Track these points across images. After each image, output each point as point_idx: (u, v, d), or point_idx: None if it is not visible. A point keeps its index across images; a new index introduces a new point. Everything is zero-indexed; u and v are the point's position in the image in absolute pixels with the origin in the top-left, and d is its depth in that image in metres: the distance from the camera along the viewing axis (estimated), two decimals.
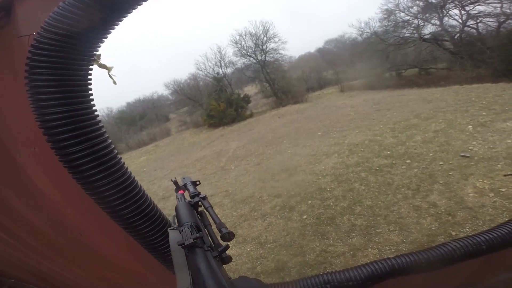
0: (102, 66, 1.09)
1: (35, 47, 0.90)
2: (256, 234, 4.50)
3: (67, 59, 0.95)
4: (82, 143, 0.99)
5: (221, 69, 21.19)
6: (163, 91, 30.41)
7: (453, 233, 3.29)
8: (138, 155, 18.34)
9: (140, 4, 0.98)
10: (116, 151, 1.15)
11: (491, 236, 1.50)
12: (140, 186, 1.24)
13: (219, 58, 21.08)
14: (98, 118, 1.10)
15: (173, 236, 0.75)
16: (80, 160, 0.99)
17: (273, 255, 3.88)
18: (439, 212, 3.78)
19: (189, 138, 18.49)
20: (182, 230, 0.71)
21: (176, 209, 0.91)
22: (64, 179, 1.14)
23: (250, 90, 22.78)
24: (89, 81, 1.08)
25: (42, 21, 0.95)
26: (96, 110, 1.10)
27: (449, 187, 4.27)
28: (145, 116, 27.99)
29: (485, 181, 4.20)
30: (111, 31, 1.06)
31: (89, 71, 1.08)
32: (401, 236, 3.52)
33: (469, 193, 4.04)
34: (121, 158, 1.16)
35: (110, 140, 1.14)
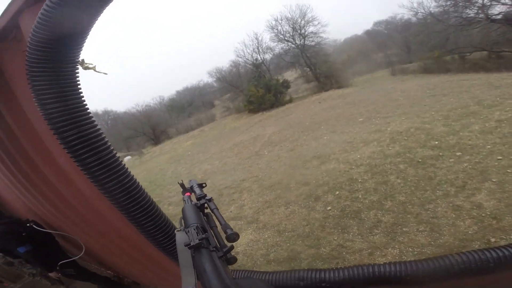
0: (87, 68, 1.25)
1: (28, 60, 1.12)
2: (277, 222, 4.56)
3: (55, 66, 1.15)
4: (75, 128, 1.23)
5: (259, 55, 21.08)
6: (207, 78, 31.73)
7: (493, 240, 2.83)
8: (186, 139, 19.77)
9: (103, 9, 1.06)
10: (104, 135, 1.36)
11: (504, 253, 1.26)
12: (123, 163, 1.42)
13: (256, 45, 20.95)
14: (87, 109, 1.31)
15: (180, 237, 0.77)
16: (73, 142, 1.24)
17: (288, 244, 3.89)
18: (483, 215, 3.27)
19: (230, 123, 19.12)
20: (189, 231, 0.74)
21: (183, 211, 0.93)
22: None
23: (290, 75, 22.17)
24: (77, 78, 1.27)
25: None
26: (85, 101, 1.31)
27: (502, 187, 3.63)
28: (192, 103, 29.78)
29: None
30: (86, 38, 1.20)
31: (76, 70, 1.25)
32: (429, 238, 3.17)
33: None
34: (108, 141, 1.36)
35: (99, 126, 1.35)
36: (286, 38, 19.72)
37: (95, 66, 1.26)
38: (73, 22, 1.05)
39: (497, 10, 13.46)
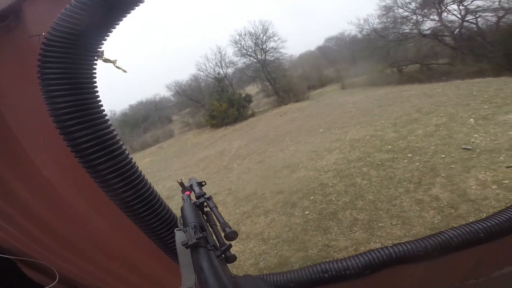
0: (106, 60, 1.16)
1: (46, 44, 0.98)
2: (259, 231, 4.55)
3: (74, 54, 1.02)
4: (88, 128, 1.07)
5: (222, 69, 21.32)
6: (165, 92, 30.58)
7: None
8: (143, 157, 18.49)
9: (140, 3, 1.04)
10: (119, 138, 1.21)
11: (489, 223, 1.50)
12: (141, 171, 1.30)
13: (219, 58, 21.21)
14: (102, 107, 1.17)
15: (179, 236, 0.77)
16: (85, 144, 1.07)
17: (275, 251, 3.92)
18: (442, 205, 3.78)
19: (192, 138, 18.61)
20: (187, 231, 0.73)
21: (182, 210, 0.93)
22: (71, 170, 1.20)
23: (252, 89, 22.82)
24: (94, 74, 1.16)
25: (49, 22, 1.03)
26: (100, 100, 1.17)
27: (451, 180, 4.28)
28: (148, 118, 28.15)
29: (488, 173, 4.20)
30: (113, 29, 1.13)
31: (94, 66, 1.15)
32: (404, 230, 3.54)
33: (472, 185, 4.04)
34: (122, 144, 1.22)
35: (113, 128, 1.21)
36: (248, 53, 20.34)
37: (115, 60, 1.17)
38: (103, 13, 0.99)
39: (427, 25, 15.92)
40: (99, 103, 1.14)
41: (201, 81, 22.76)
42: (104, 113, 1.17)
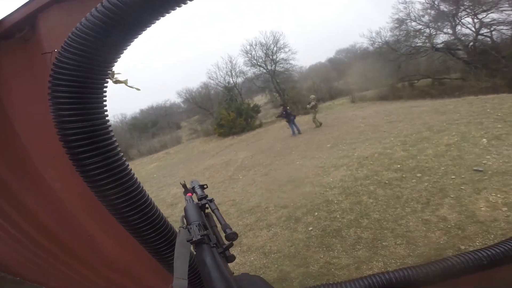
0: (118, 82, 1.19)
1: (57, 66, 0.99)
2: (261, 244, 4.50)
3: (85, 78, 1.04)
4: (97, 156, 1.09)
5: (232, 78, 21.63)
6: (175, 99, 31.08)
7: (462, 247, 3.20)
8: (149, 162, 18.73)
9: (152, 24, 1.06)
10: (127, 163, 1.24)
11: (493, 251, 1.48)
12: (148, 195, 1.32)
13: (230, 68, 21.58)
14: (112, 133, 1.20)
15: (181, 233, 0.80)
16: (94, 171, 1.09)
17: (276, 265, 3.86)
18: (449, 226, 3.68)
19: (199, 146, 18.77)
20: (191, 228, 0.77)
21: (185, 209, 0.96)
22: (77, 185, 1.24)
23: (260, 100, 22.99)
24: (104, 98, 1.19)
25: (63, 34, 1.04)
26: (110, 125, 1.21)
27: (460, 201, 4.16)
28: (157, 123, 28.60)
29: (499, 195, 4.07)
30: (125, 50, 1.16)
31: (105, 88, 1.18)
32: (408, 250, 3.44)
33: (481, 207, 3.93)
34: (131, 170, 1.25)
35: (122, 154, 1.24)
36: (258, 63, 20.62)
37: (126, 80, 1.21)
38: (120, 33, 1.01)
39: (440, 39, 15.72)
40: (109, 128, 1.16)
41: (211, 89, 23.15)
42: (114, 138, 1.20)
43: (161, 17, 1.07)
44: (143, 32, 1.12)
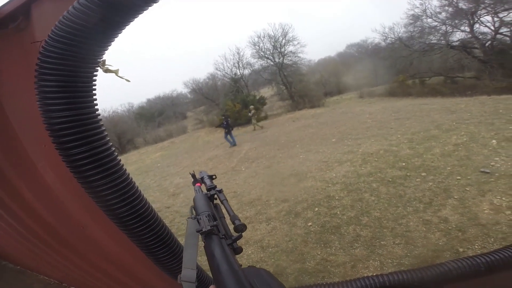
0: (108, 71, 1.16)
1: (43, 55, 0.97)
2: (259, 238, 4.51)
3: (72, 66, 1.01)
4: (84, 145, 1.06)
5: (239, 70, 21.45)
6: (182, 89, 31.11)
7: (461, 250, 3.14)
8: (154, 150, 18.90)
9: (143, 11, 1.02)
10: (116, 154, 1.22)
11: (491, 258, 1.45)
12: (137, 187, 1.30)
13: (237, 59, 21.37)
14: (100, 122, 1.17)
15: (191, 223, 0.79)
16: (81, 161, 1.07)
17: (273, 260, 3.87)
18: (449, 228, 3.62)
19: (204, 136, 18.83)
20: (200, 218, 0.76)
21: (194, 200, 0.96)
22: (70, 176, 1.23)
23: (266, 92, 22.76)
24: (93, 87, 1.16)
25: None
26: (99, 114, 1.17)
27: (463, 203, 4.07)
28: (163, 113, 28.80)
29: (504, 198, 3.97)
30: (115, 38, 1.11)
31: (94, 77, 1.15)
32: (406, 250, 3.40)
33: (484, 209, 3.84)
34: (120, 161, 1.23)
35: (111, 143, 1.21)
36: (266, 55, 20.33)
37: (117, 69, 1.17)
38: (109, 20, 0.96)
39: (456, 37, 15.23)
40: (97, 118, 1.14)
41: (218, 80, 23.04)
42: (102, 128, 1.16)
43: (153, 3, 1.02)
44: (134, 19, 1.07)
